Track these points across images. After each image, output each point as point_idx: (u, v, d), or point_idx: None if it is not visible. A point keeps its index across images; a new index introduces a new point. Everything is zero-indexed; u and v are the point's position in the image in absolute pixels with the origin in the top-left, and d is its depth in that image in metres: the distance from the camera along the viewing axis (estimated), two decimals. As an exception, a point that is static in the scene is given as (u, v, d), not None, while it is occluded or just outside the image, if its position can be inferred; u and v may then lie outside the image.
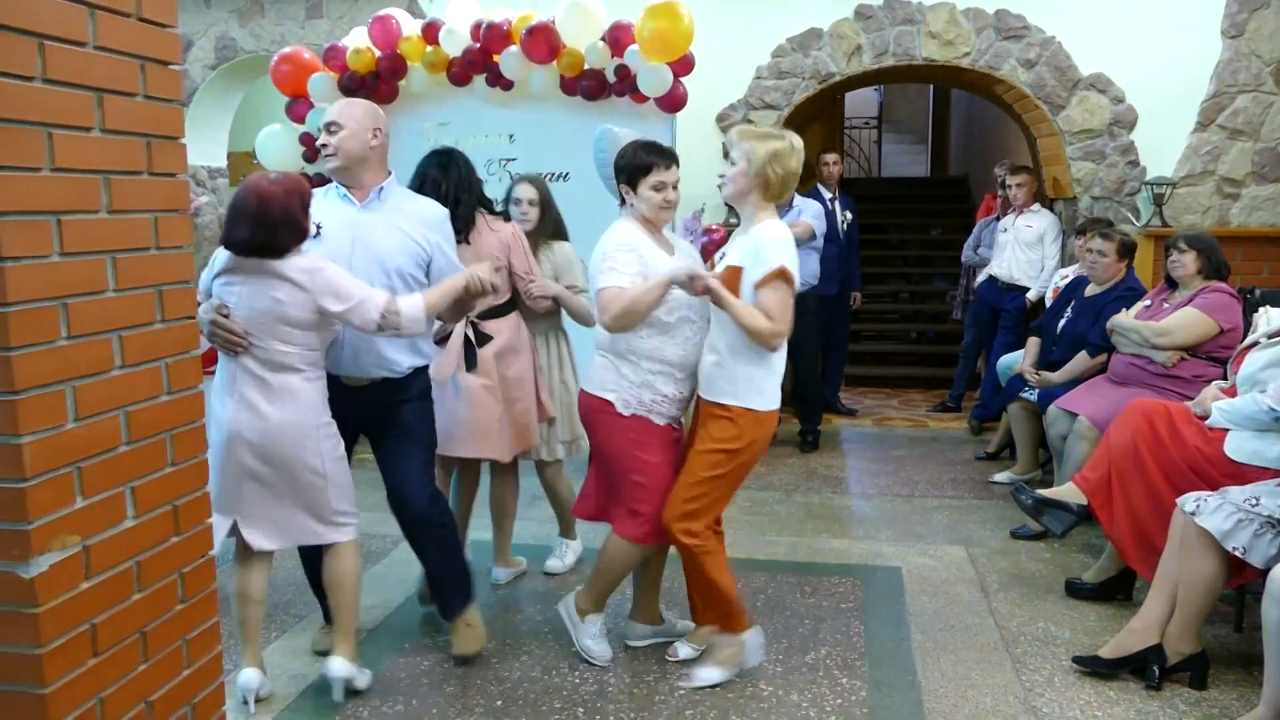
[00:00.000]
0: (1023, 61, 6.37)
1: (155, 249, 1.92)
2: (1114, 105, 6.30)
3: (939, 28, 6.41)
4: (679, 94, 5.74)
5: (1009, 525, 4.73)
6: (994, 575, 4.18)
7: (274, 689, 3.18)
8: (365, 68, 6.00)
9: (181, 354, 2.01)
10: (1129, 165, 6.33)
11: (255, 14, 7.53)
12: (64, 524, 1.70)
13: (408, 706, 3.11)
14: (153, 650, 1.93)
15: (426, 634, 3.62)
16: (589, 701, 3.13)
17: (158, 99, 1.91)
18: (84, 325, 1.74)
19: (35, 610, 1.65)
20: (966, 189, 11.80)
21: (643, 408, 3.17)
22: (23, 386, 1.61)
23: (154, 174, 1.91)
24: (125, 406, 1.85)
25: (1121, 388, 4.43)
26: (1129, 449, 3.62)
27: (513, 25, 5.75)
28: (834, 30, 6.58)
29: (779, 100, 6.70)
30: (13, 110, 1.58)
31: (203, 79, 7.71)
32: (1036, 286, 6.33)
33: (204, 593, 2.09)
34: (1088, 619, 3.74)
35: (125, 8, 1.82)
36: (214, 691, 2.13)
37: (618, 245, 3.11)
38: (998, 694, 3.17)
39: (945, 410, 7.35)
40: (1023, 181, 6.50)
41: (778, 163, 3.05)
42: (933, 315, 9.94)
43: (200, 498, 2.07)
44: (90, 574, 1.76)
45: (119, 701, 1.84)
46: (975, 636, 3.59)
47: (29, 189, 1.62)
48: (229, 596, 2.98)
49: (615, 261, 3.07)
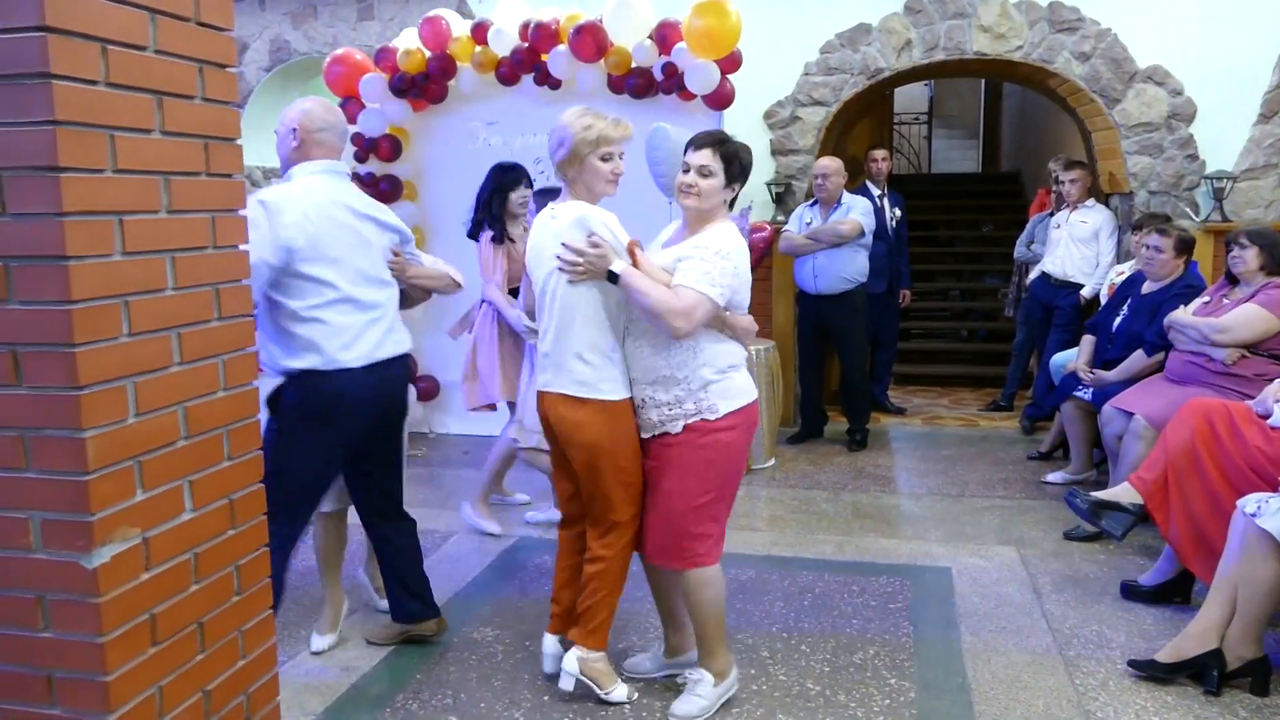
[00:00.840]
0: (1077, 54, 6.26)
1: (212, 248, 1.96)
2: (1172, 98, 6.18)
3: (990, 21, 6.33)
4: (726, 91, 5.74)
5: (1062, 526, 4.66)
6: (1046, 577, 4.13)
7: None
8: (415, 68, 6.07)
9: (238, 351, 2.04)
10: (1188, 159, 6.20)
11: (309, 16, 7.64)
12: (125, 516, 1.74)
13: (456, 700, 3.14)
14: (210, 640, 1.97)
15: (475, 629, 3.65)
16: (635, 698, 3.14)
17: (215, 101, 1.95)
18: (144, 323, 1.78)
19: (98, 600, 1.69)
20: (1019, 185, 11.63)
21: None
22: (86, 382, 1.65)
23: (211, 174, 1.95)
24: (184, 402, 1.89)
25: (1180, 386, 4.35)
26: (1187, 449, 3.55)
27: (561, 24, 5.79)
28: (883, 25, 6.52)
29: (827, 96, 6.66)
30: (77, 113, 1.62)
31: (258, 81, 7.84)
32: (1091, 283, 6.23)
33: (259, 585, 2.13)
34: (1144, 622, 3.67)
35: (184, 12, 1.86)
36: (268, 681, 2.17)
37: (718, 253, 2.88)
38: (1050, 698, 3.13)
39: (996, 409, 7.25)
40: (1077, 177, 6.39)
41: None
42: (984, 313, 9.82)
43: (255, 492, 2.10)
44: (150, 565, 1.80)
45: (177, 690, 1.88)
46: (1027, 639, 3.54)
47: (93, 190, 1.66)
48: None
49: (712, 267, 2.86)
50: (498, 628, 3.65)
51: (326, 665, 3.36)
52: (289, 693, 3.11)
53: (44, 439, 1.66)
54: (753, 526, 4.83)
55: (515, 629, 3.64)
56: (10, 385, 1.66)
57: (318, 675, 3.29)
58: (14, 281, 1.63)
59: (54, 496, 1.67)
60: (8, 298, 1.64)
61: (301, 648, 3.48)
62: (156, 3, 1.78)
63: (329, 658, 3.41)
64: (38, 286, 1.62)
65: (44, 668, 1.72)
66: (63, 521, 1.67)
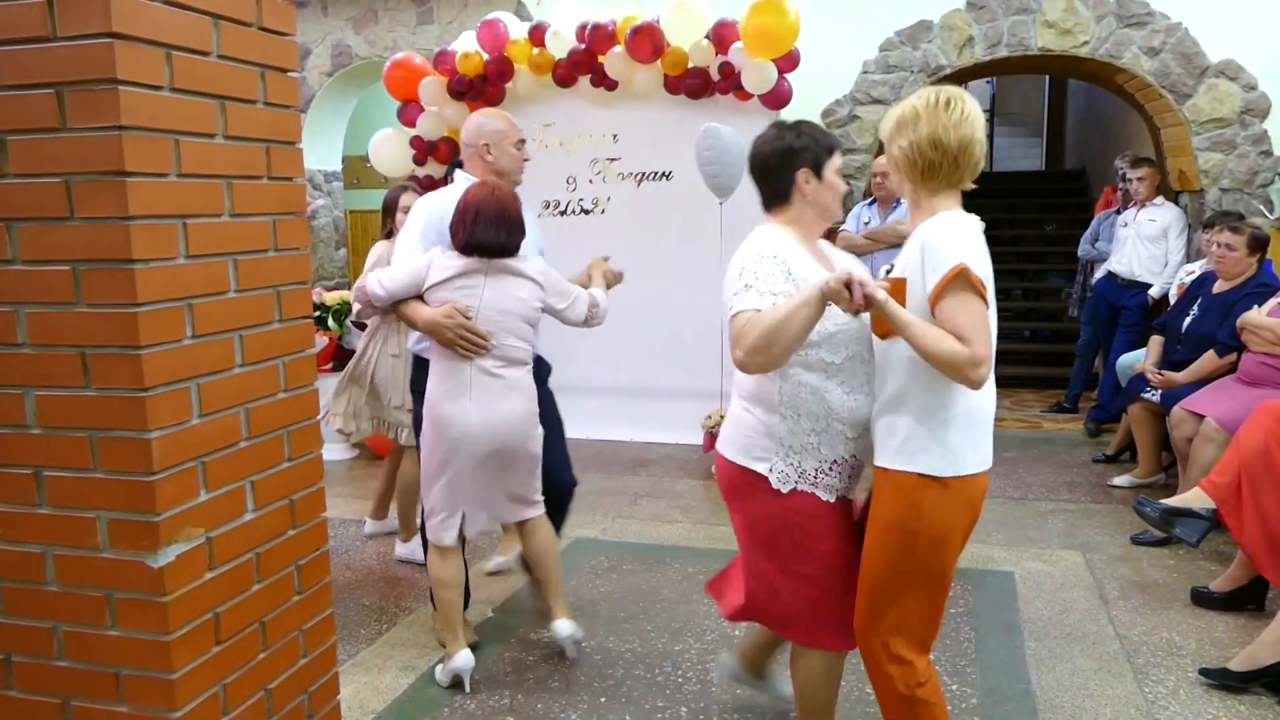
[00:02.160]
0: (1146, 49, 6.11)
1: (274, 251, 1.98)
2: (1245, 93, 6.00)
3: (1055, 16, 6.20)
4: (783, 90, 5.69)
5: (1129, 530, 4.55)
6: (1113, 582, 4.03)
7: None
8: (473, 71, 6.12)
9: (298, 353, 2.07)
10: (1261, 155, 6.02)
11: (369, 21, 7.74)
12: (189, 516, 1.77)
13: (513, 700, 3.15)
14: (271, 639, 1.99)
15: (532, 629, 3.66)
16: (692, 701, 3.12)
17: (277, 105, 1.97)
18: (207, 325, 1.81)
19: (164, 599, 1.72)
20: (1084, 182, 11.40)
21: (805, 481, 2.38)
22: (152, 384, 1.68)
23: (273, 178, 1.97)
24: (245, 404, 1.91)
25: (1252, 388, 4.23)
26: (1261, 452, 3.44)
27: (617, 26, 5.79)
28: (944, 22, 6.43)
29: (886, 95, 6.58)
30: (143, 119, 1.65)
31: (319, 85, 7.96)
32: (1160, 283, 6.07)
33: (319, 584, 2.15)
34: (1215, 629, 3.57)
35: (247, 17, 1.88)
36: (329, 681, 2.19)
37: (758, 256, 2.33)
38: (1118, 706, 3.05)
39: (1061, 411, 7.10)
40: (1144, 175, 6.23)
41: (903, 134, 2.26)
42: (1047, 313, 9.64)
43: (315, 492, 2.12)
44: (213, 564, 1.83)
45: (240, 688, 1.90)
46: (1094, 645, 3.46)
47: (158, 194, 1.69)
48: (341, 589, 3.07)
49: (753, 277, 2.29)
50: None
51: (385, 665, 3.39)
52: (349, 692, 3.15)
53: (111, 439, 1.69)
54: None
55: (572, 630, 3.65)
56: (79, 386, 1.69)
57: (377, 675, 3.32)
58: (82, 285, 1.66)
59: (120, 496, 1.70)
60: (76, 300, 1.67)
61: (361, 647, 3.52)
62: (220, 8, 1.80)
63: (387, 657, 3.44)
64: (105, 289, 1.65)
65: (111, 665, 1.76)
66: (129, 521, 1.70)
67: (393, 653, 3.49)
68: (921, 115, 2.22)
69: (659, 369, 6.32)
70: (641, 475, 5.75)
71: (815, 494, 2.38)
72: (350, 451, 6.28)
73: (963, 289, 2.10)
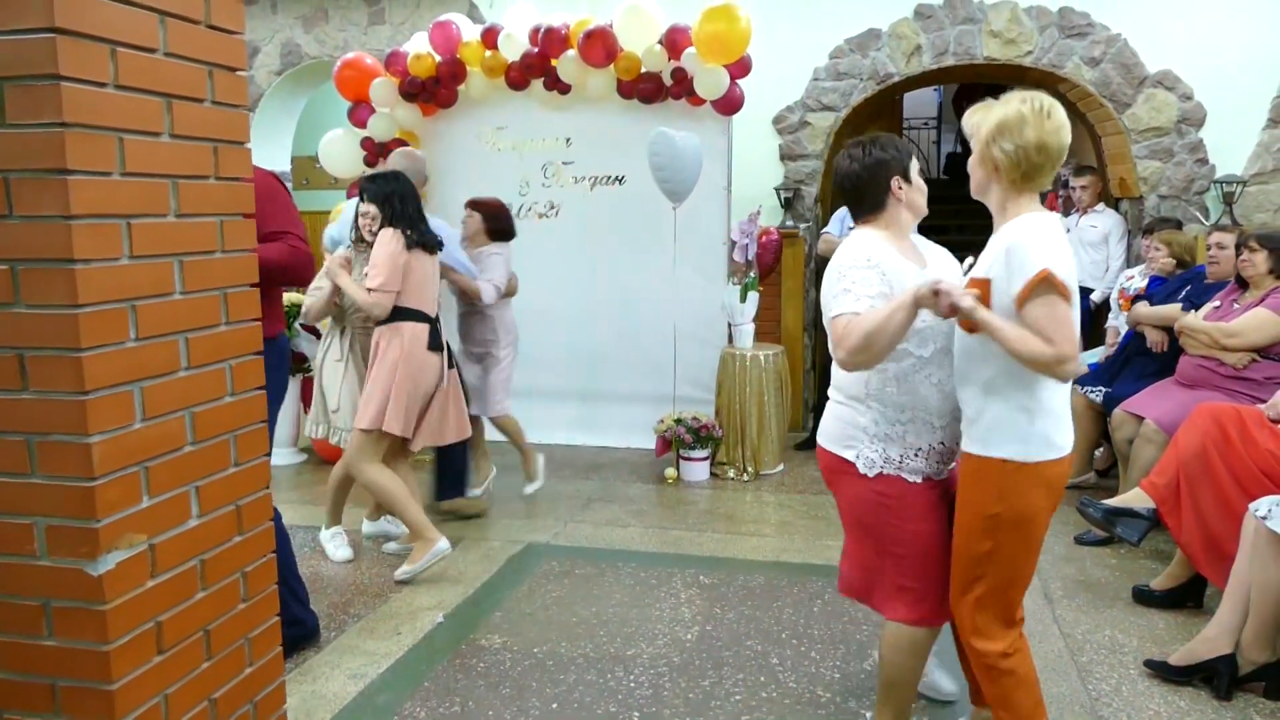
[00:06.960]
0: (1087, 59, 6.24)
1: (220, 252, 1.95)
2: (1182, 102, 6.15)
3: (1000, 26, 6.31)
4: (735, 96, 5.72)
5: (1072, 531, 4.63)
6: (1058, 582, 4.09)
7: None
8: (425, 73, 6.07)
9: (244, 356, 2.03)
10: (1197, 163, 6.17)
11: (320, 20, 7.65)
12: (131, 522, 1.73)
13: (464, 708, 3.12)
14: (216, 648, 1.96)
15: (482, 636, 3.64)
16: (644, 705, 3.12)
17: (225, 104, 1.94)
18: (152, 327, 1.77)
19: (103, 607, 1.67)
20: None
21: (890, 465, 2.56)
22: (92, 387, 1.64)
23: (220, 178, 1.94)
24: (191, 407, 1.88)
25: (1190, 390, 4.33)
26: (1199, 453, 3.53)
27: (570, 29, 5.78)
28: (893, 30, 6.51)
29: (837, 102, 6.64)
30: (86, 116, 1.61)
31: (268, 84, 7.85)
32: (1101, 288, 6.20)
33: (265, 592, 2.11)
34: (1156, 627, 3.64)
35: (194, 15, 1.84)
36: (275, 690, 2.15)
37: (854, 261, 2.48)
38: (1062, 704, 3.10)
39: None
40: (1088, 183, 6.37)
41: (1007, 138, 2.32)
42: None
43: (262, 498, 2.09)
44: (156, 572, 1.79)
45: (183, 698, 1.86)
46: (1039, 644, 3.51)
47: (101, 193, 1.65)
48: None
49: (850, 281, 2.45)
50: (505, 635, 3.64)
51: (333, 673, 3.34)
52: (295, 700, 3.10)
53: (50, 444, 1.65)
54: (761, 533, 4.81)
55: (523, 636, 3.63)
56: (16, 390, 1.65)
57: (325, 683, 3.28)
58: (20, 285, 1.62)
59: (59, 502, 1.66)
60: (14, 301, 1.63)
61: (309, 654, 3.47)
62: (167, 5, 1.77)
63: (335, 665, 3.40)
64: (44, 290, 1.61)
65: (48, 676, 1.71)
66: (68, 527, 1.66)
67: (340, 660, 3.44)
68: (1029, 120, 2.31)
69: (612, 373, 6.31)
70: (594, 479, 5.73)
71: (901, 476, 2.55)
72: (299, 456, 6.20)
73: (1047, 292, 2.23)
